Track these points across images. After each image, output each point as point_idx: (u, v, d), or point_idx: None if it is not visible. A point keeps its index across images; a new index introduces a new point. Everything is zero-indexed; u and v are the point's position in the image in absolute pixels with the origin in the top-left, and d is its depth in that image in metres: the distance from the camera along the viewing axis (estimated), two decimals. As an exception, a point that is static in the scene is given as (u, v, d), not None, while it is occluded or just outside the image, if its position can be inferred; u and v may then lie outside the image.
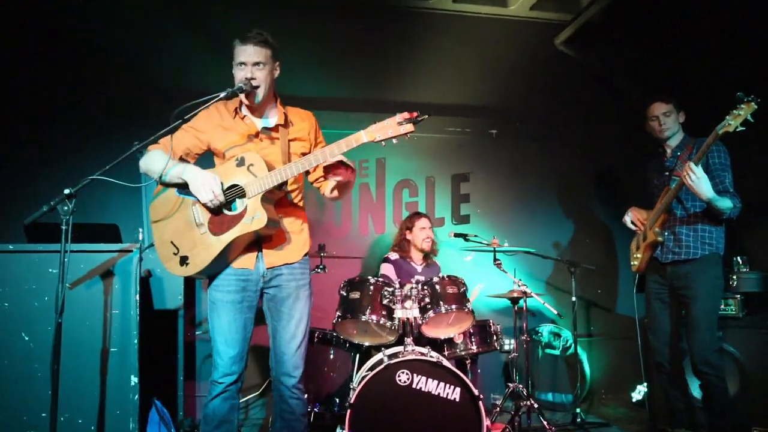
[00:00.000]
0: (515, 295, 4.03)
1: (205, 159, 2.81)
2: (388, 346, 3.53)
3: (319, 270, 3.84)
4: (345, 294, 3.48)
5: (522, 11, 4.79)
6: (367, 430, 3.04)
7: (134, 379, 2.97)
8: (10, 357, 2.90)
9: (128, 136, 2.86)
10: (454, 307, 3.44)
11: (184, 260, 2.63)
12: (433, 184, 4.99)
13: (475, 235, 4.45)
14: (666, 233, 3.55)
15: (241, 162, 2.62)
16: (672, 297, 3.60)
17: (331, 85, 4.76)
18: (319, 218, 4.77)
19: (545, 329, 4.96)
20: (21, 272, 2.94)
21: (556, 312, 4.10)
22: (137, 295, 3.01)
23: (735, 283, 4.10)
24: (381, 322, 3.36)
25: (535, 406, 3.83)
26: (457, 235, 4.46)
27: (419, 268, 4.40)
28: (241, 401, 3.34)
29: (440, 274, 3.58)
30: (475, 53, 4.91)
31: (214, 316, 2.67)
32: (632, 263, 3.80)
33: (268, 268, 2.69)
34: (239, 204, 2.59)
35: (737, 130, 3.10)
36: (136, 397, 2.97)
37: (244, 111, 2.76)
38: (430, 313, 3.41)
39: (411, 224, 4.38)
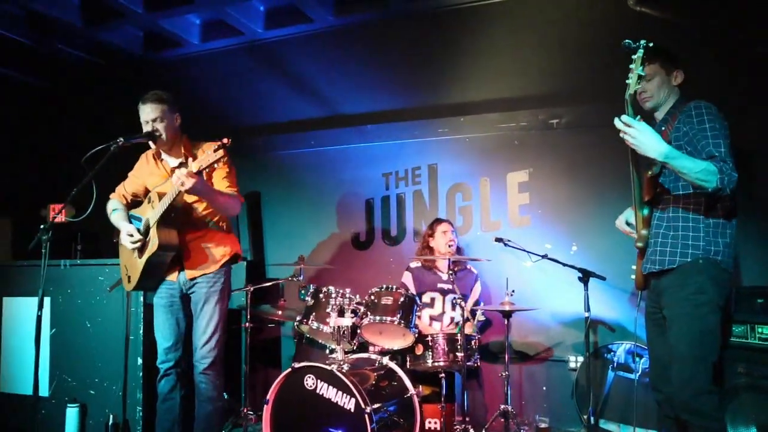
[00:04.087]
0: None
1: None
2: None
3: (295, 279, 4.20)
4: (308, 299, 3.81)
5: (582, -22, 4.22)
6: (279, 425, 3.37)
7: (140, 360, 3.94)
8: (79, 338, 4.18)
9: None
10: (387, 318, 3.46)
11: (129, 278, 3.45)
12: (487, 186, 4.72)
13: (509, 240, 4.16)
14: (650, 235, 2.83)
15: (149, 200, 3.35)
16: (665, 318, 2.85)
17: (383, 99, 4.99)
18: (375, 227, 5.05)
19: (621, 347, 4.21)
20: (83, 278, 4.21)
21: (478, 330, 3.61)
22: (141, 297, 3.98)
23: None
24: (322, 328, 3.60)
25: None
26: (497, 240, 4.23)
27: (444, 276, 4.32)
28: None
29: (386, 286, 3.60)
30: (529, 39, 4.49)
31: (154, 317, 3.45)
32: (632, 276, 3.09)
33: (188, 279, 3.32)
34: None
35: (637, 89, 2.52)
36: (140, 374, 3.93)
37: (163, 155, 3.44)
38: (365, 321, 3.50)
39: (432, 230, 4.35)
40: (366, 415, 3.07)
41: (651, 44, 2.39)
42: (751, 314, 3.07)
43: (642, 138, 2.40)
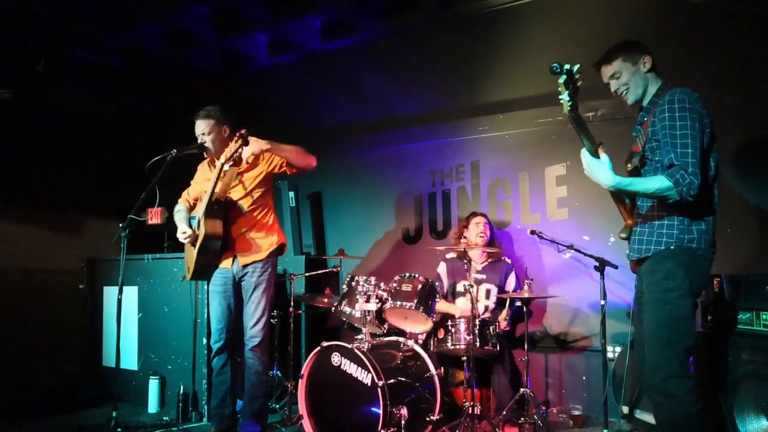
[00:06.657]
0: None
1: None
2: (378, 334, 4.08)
3: (335, 269, 4.58)
4: (344, 287, 4.18)
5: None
6: (312, 396, 3.77)
7: (204, 340, 4.52)
8: (160, 321, 4.86)
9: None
10: (405, 304, 3.76)
11: (188, 269, 4.01)
12: (526, 181, 4.83)
13: (541, 232, 4.28)
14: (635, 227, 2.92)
15: (200, 200, 3.88)
16: None
17: (428, 101, 5.29)
18: (423, 222, 5.32)
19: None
20: (162, 270, 4.88)
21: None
22: (206, 286, 4.53)
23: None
24: (353, 313, 3.96)
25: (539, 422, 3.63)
26: (532, 233, 4.38)
27: (479, 267, 4.52)
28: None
29: (409, 274, 3.89)
30: (562, 35, 4.66)
31: (209, 301, 3.98)
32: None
33: (241, 266, 3.82)
34: None
35: (573, 106, 2.48)
36: (205, 352, 4.50)
37: (216, 161, 3.96)
38: (386, 306, 3.82)
39: (467, 222, 4.56)
40: (379, 389, 3.38)
41: (575, 67, 2.35)
42: (758, 301, 3.02)
43: (591, 170, 2.61)
